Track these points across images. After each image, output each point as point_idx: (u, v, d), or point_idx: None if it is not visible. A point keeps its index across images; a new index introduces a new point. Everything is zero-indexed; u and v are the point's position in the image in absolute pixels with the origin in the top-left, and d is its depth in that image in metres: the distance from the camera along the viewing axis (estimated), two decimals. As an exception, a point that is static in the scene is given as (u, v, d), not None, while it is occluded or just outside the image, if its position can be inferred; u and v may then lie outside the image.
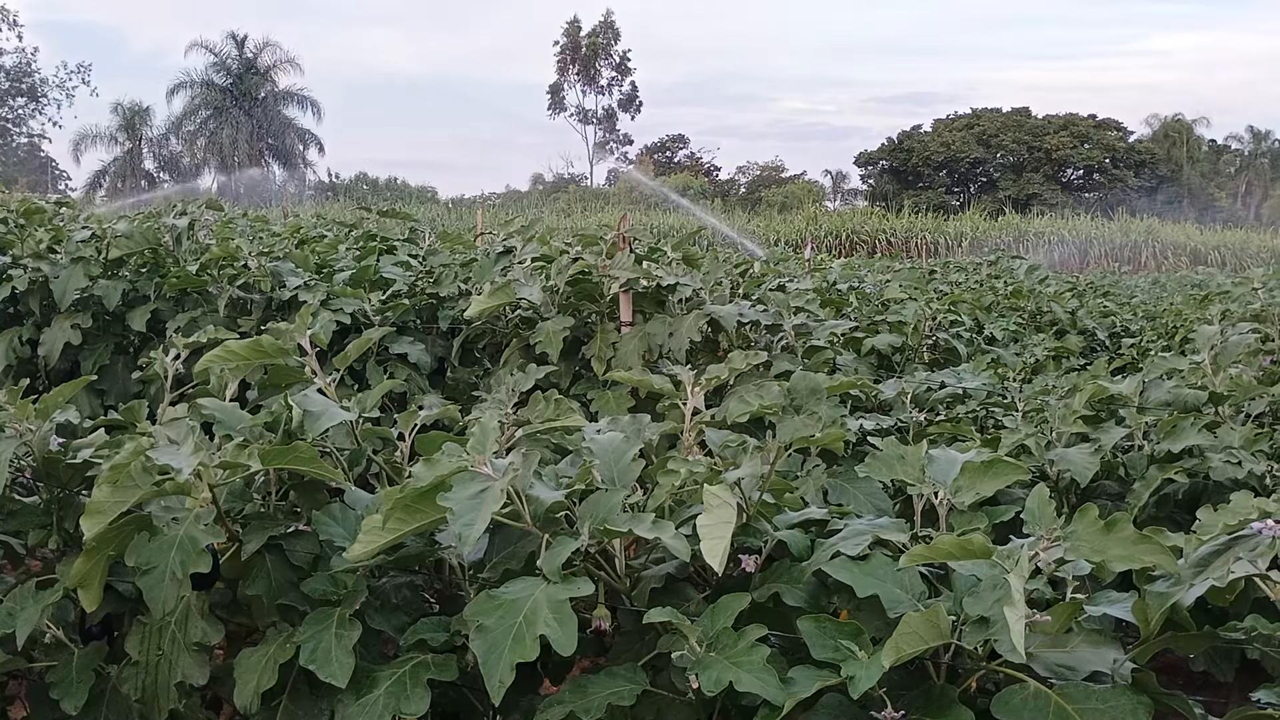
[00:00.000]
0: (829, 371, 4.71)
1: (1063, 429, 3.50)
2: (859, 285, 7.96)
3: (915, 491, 2.18)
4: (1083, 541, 1.75)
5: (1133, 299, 12.12)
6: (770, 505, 2.35)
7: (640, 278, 4.09)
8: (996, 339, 7.12)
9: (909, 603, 1.95)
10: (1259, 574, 1.71)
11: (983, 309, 8.66)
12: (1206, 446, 3.30)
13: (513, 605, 1.90)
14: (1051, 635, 1.95)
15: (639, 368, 3.86)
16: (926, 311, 5.83)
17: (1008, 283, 9.69)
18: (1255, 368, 4.02)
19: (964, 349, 5.84)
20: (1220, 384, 3.73)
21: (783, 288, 5.68)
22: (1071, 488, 3.43)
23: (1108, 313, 9.70)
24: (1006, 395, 4.53)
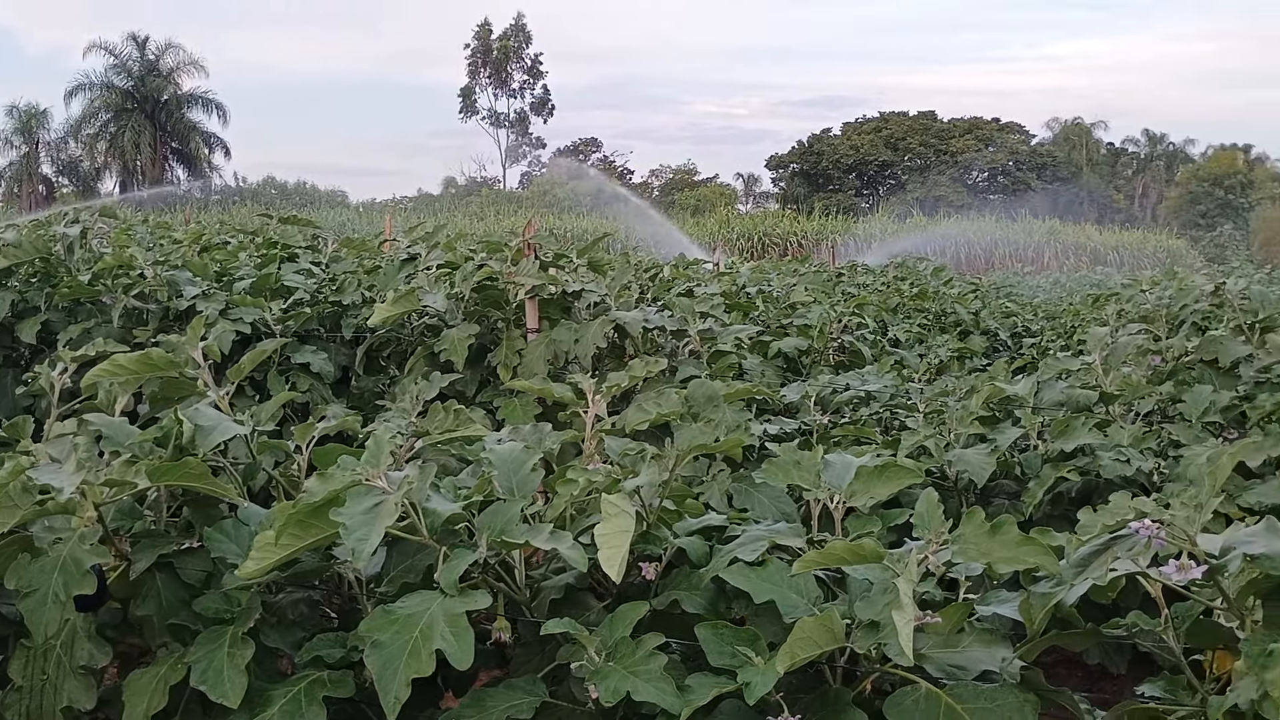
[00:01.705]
0: (735, 375, 4.75)
1: (960, 430, 3.57)
2: (767, 289, 8.03)
3: (811, 496, 2.21)
4: (969, 544, 1.78)
5: (1034, 299, 12.43)
6: (671, 512, 2.36)
7: (546, 284, 4.08)
8: (901, 341, 7.23)
9: (805, 607, 1.97)
10: (1139, 571, 1.76)
11: (889, 311, 8.81)
12: (1097, 445, 3.40)
13: (408, 620, 1.88)
14: (944, 636, 1.99)
15: (544, 375, 3.85)
16: (832, 314, 5.90)
17: (913, 284, 9.85)
18: (1144, 367, 4.14)
19: (869, 351, 5.93)
20: (1111, 384, 3.84)
21: (691, 292, 5.72)
22: (970, 488, 3.50)
23: (1009, 313, 9.94)
24: (909, 397, 4.60)
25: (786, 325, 6.05)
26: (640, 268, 7.50)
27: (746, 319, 5.88)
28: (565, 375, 3.86)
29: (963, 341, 8.28)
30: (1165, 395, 3.87)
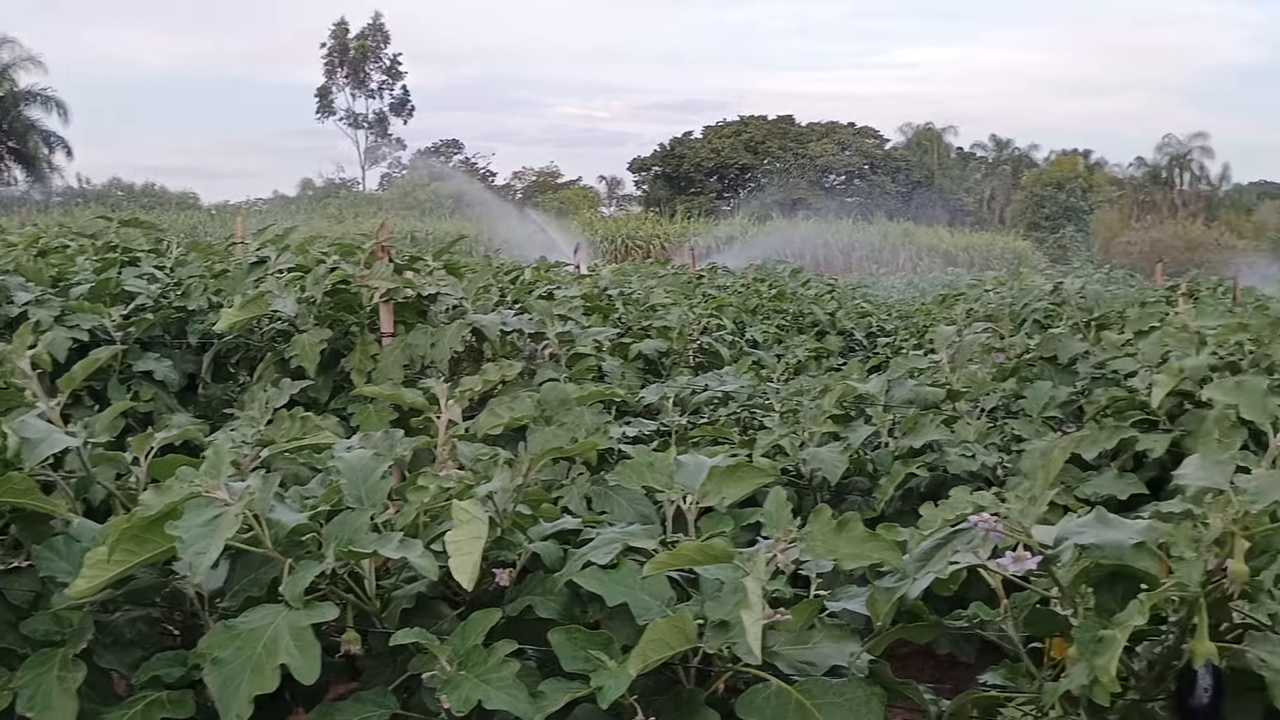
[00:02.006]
0: (595, 378, 4.74)
1: (814, 429, 3.64)
2: (629, 291, 8.06)
3: (665, 498, 2.21)
4: (817, 542, 1.81)
5: (888, 300, 12.78)
6: (527, 517, 2.34)
7: (401, 287, 4.01)
8: (760, 342, 7.34)
9: (658, 609, 1.97)
10: (978, 564, 1.82)
11: (748, 312, 8.93)
12: (944, 441, 3.50)
13: (251, 635, 1.82)
14: (795, 633, 2.02)
15: (399, 380, 3.78)
16: (690, 316, 5.95)
17: (771, 286, 10.02)
18: (989, 365, 4.29)
19: (727, 352, 6.00)
20: (957, 381, 3.96)
21: (550, 295, 5.70)
22: (824, 485, 3.57)
23: (865, 314, 10.19)
24: (767, 397, 4.67)
25: (646, 327, 6.08)
26: (501, 270, 7.45)
27: (606, 321, 5.88)
28: (422, 380, 3.80)
29: (820, 342, 8.46)
30: (1008, 391, 4.01)
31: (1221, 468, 1.67)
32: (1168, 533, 1.70)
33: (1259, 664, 1.67)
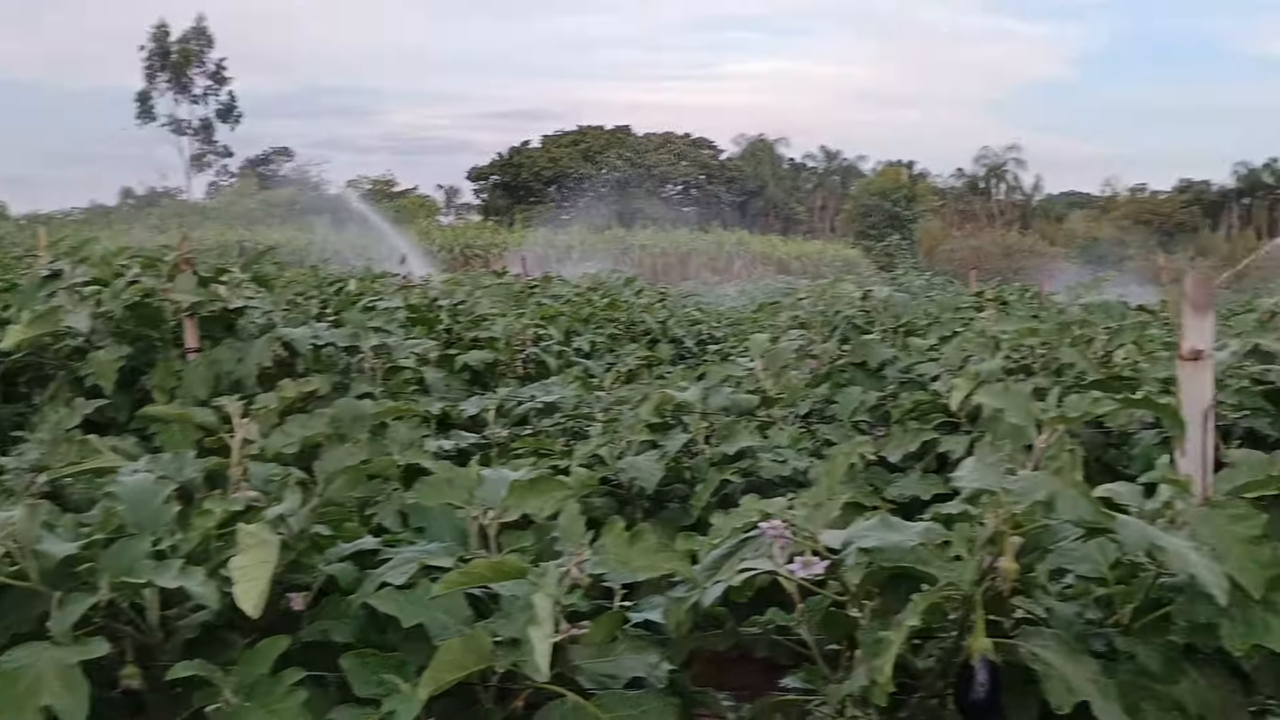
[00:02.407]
0: (417, 391, 4.66)
1: (632, 438, 3.65)
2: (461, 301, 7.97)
3: (465, 514, 2.18)
4: (610, 554, 1.80)
5: (719, 307, 12.99)
6: (326, 538, 2.28)
7: (206, 301, 3.86)
8: (592, 351, 7.35)
9: (455, 629, 1.93)
10: (770, 570, 1.84)
11: (581, 321, 8.94)
12: (758, 447, 3.56)
13: (13, 675, 1.71)
14: (596, 646, 2.01)
15: (204, 397, 3.64)
16: (517, 326, 5.92)
17: (604, 295, 10.06)
18: (803, 371, 4.39)
19: (554, 362, 5.98)
20: (772, 388, 4.03)
21: (372, 306, 5.58)
22: (642, 494, 3.58)
23: (695, 321, 10.32)
24: (588, 406, 4.67)
25: (473, 338, 6.02)
26: (325, 281, 7.26)
27: (431, 333, 5.80)
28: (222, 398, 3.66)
29: (651, 350, 8.53)
30: (821, 397, 4.11)
31: (994, 469, 1.73)
32: (944, 533, 1.76)
33: (1031, 658, 1.73)
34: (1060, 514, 1.51)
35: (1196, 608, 1.70)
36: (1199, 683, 1.80)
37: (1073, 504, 1.50)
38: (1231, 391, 3.60)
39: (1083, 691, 1.68)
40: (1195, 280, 1.82)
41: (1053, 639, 1.80)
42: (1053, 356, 3.66)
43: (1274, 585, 1.66)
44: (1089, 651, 1.85)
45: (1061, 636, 1.82)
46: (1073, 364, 3.60)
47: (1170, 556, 1.53)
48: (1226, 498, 1.74)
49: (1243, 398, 3.56)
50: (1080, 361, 3.58)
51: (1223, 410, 3.64)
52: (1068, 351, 3.62)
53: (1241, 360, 3.66)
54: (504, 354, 5.80)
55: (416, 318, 5.93)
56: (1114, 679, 1.77)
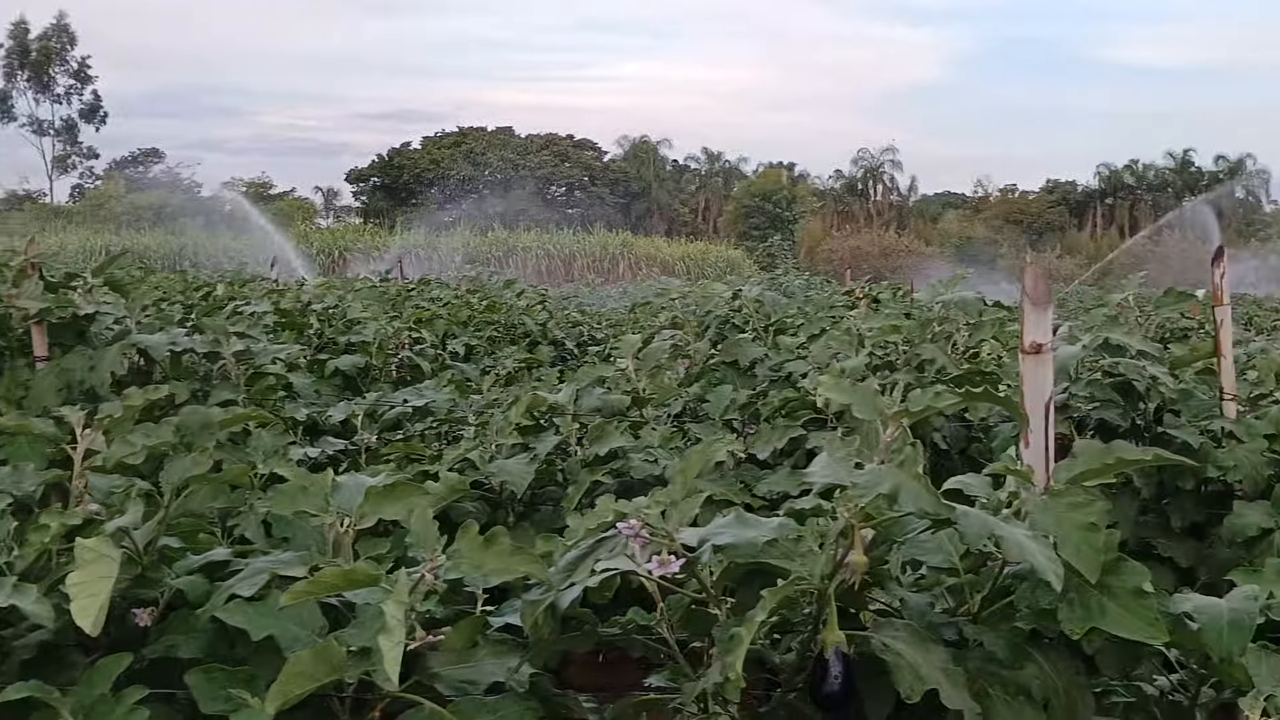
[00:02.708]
0: (284, 397, 4.56)
1: (502, 440, 3.62)
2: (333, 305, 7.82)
3: (319, 522, 2.13)
4: (464, 558, 1.78)
5: (601, 309, 13.00)
6: (176, 550, 2.20)
7: (53, 307, 3.70)
8: (470, 354, 7.28)
9: (308, 640, 1.89)
10: (628, 570, 1.84)
11: (460, 324, 8.85)
12: (630, 447, 3.56)
13: None
14: (456, 651, 1.98)
15: (54, 406, 3.48)
16: (389, 330, 5.83)
17: (483, 298, 9.98)
18: (675, 370, 4.41)
19: (428, 366, 5.91)
20: (644, 388, 4.04)
21: (237, 311, 5.44)
22: (513, 497, 3.55)
23: (576, 323, 10.30)
24: (462, 410, 4.62)
25: (344, 342, 5.90)
26: (192, 286, 7.06)
27: (300, 337, 5.67)
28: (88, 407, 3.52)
29: (531, 352, 8.49)
30: (693, 396, 4.13)
31: (844, 464, 1.75)
32: (796, 529, 1.78)
33: (882, 649, 1.76)
34: (903, 506, 1.53)
35: (1038, 594, 1.75)
36: (1044, 667, 1.85)
37: (915, 496, 1.53)
38: (1084, 384, 3.73)
39: (932, 680, 1.72)
40: (1032, 275, 1.87)
41: (904, 629, 1.84)
42: (914, 353, 3.75)
43: (1110, 570, 1.72)
44: (940, 640, 1.89)
45: (913, 627, 1.85)
46: (933, 359, 3.70)
47: (1008, 546, 1.57)
48: (1066, 486, 1.79)
49: (1094, 390, 3.69)
50: (940, 357, 3.68)
51: (1076, 402, 3.77)
52: (928, 348, 3.71)
53: (1093, 354, 3.79)
54: (377, 358, 5.70)
55: (286, 322, 5.80)
56: (963, 666, 1.81)
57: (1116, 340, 3.69)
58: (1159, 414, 3.86)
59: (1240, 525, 3.42)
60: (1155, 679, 2.17)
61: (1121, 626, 1.67)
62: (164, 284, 9.40)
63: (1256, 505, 3.50)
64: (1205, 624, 1.80)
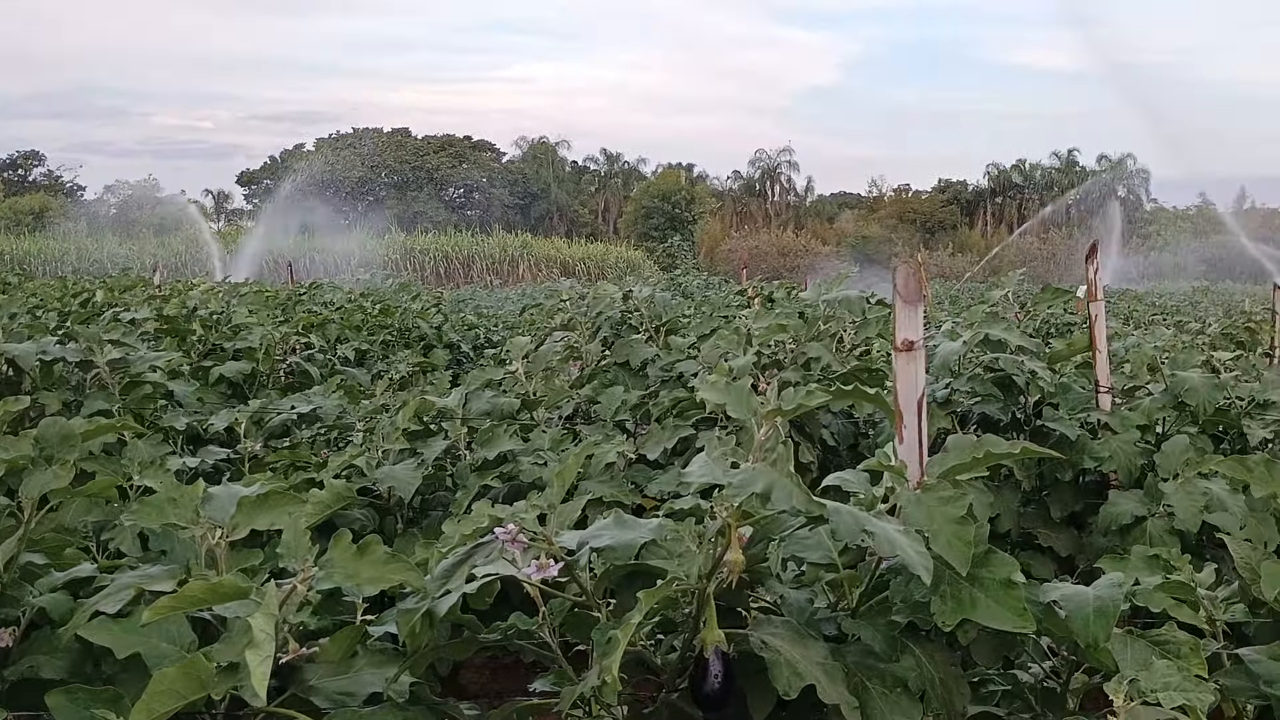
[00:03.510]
0: (163, 406, 4.43)
1: (389, 446, 3.56)
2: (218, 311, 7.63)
3: (188, 534, 2.06)
4: (337, 568, 1.74)
5: (499, 311, 12.91)
6: (41, 567, 2.12)
7: (-87, 317, 3.54)
8: (363, 358, 7.16)
9: (176, 656, 1.83)
10: (505, 575, 1.82)
11: (352, 329, 8.71)
12: (519, 450, 3.53)
13: None
14: (334, 663, 1.94)
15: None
16: (276, 335, 5.70)
17: (375, 301, 9.83)
18: (565, 373, 4.40)
19: (317, 371, 5.80)
20: (534, 390, 4.02)
21: (117, 318, 5.28)
22: (401, 504, 3.50)
23: (472, 326, 10.21)
24: (352, 416, 4.55)
25: (231, 348, 5.76)
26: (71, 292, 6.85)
27: (183, 344, 5.52)
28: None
29: (426, 356, 8.39)
30: (584, 397, 4.12)
31: (720, 464, 1.76)
32: (674, 529, 1.78)
33: (761, 647, 1.77)
34: (776, 505, 1.54)
35: (912, 588, 1.77)
36: (921, 659, 1.88)
37: (787, 495, 1.54)
38: (965, 379, 3.81)
39: (809, 676, 1.73)
40: (903, 274, 1.89)
41: (783, 626, 1.85)
42: (800, 351, 3.79)
43: (980, 562, 1.75)
44: (820, 636, 1.91)
45: (791, 624, 1.87)
46: (819, 358, 3.74)
47: (880, 541, 1.59)
48: (938, 481, 1.82)
49: (975, 385, 3.77)
50: (826, 355, 3.72)
51: (959, 397, 3.85)
52: (814, 346, 3.75)
53: (974, 349, 3.88)
54: (264, 364, 5.57)
55: (168, 329, 5.64)
56: (841, 661, 1.83)
57: (996, 336, 3.77)
58: (1038, 407, 3.96)
59: (1115, 514, 3.52)
60: (1030, 666, 2.22)
61: (991, 617, 1.70)
62: (41, 290, 9.09)
63: (1130, 494, 3.61)
64: (1072, 612, 1.84)
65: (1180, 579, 2.04)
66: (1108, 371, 3.95)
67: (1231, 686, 2.02)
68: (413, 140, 78.99)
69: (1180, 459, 3.51)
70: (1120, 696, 1.70)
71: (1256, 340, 9.61)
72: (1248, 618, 2.27)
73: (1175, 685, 1.69)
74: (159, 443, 3.64)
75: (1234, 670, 2.03)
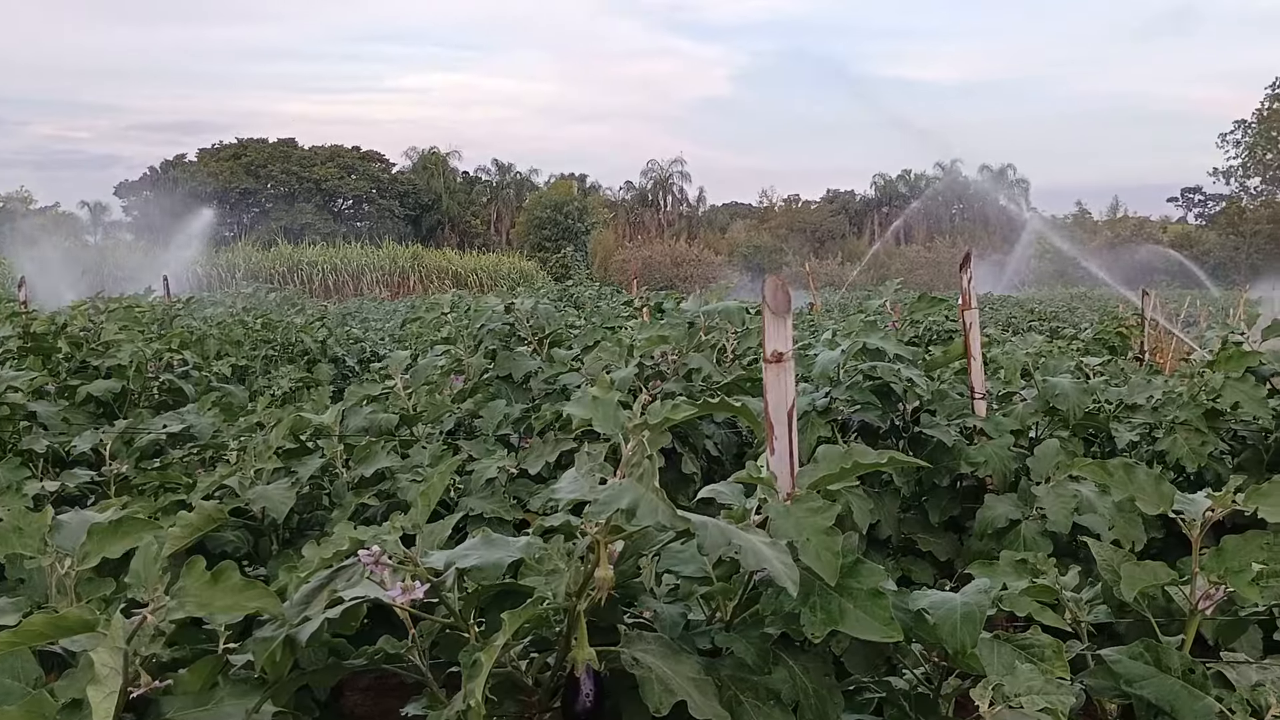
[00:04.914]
0: (26, 427, 4.25)
1: (262, 465, 3.46)
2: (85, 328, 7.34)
3: (35, 565, 1.97)
4: (190, 597, 1.67)
5: (387, 324, 12.70)
6: None
7: None
8: (229, 375, 6.96)
9: (21, 693, 1.74)
10: (370, 599, 1.77)
11: (233, 344, 8.47)
12: (397, 467, 3.46)
13: None
14: (194, 694, 1.86)
15: None
16: (148, 352, 5.50)
17: (258, 316, 9.59)
18: (447, 387, 4.32)
19: (191, 388, 5.61)
20: (414, 405, 3.94)
21: (-25, 336, 5.05)
22: (275, 525, 3.40)
23: (357, 339, 10.02)
24: (225, 434, 4.40)
25: (101, 366, 5.54)
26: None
27: (48, 362, 5.30)
28: None
29: (310, 371, 8.20)
30: (466, 412, 4.05)
31: (589, 479, 1.73)
32: (543, 548, 1.75)
33: (632, 664, 1.75)
34: (641, 520, 1.52)
35: (782, 599, 1.77)
36: (795, 670, 1.88)
37: (652, 509, 1.52)
38: (845, 388, 3.85)
39: (681, 691, 1.71)
40: (772, 286, 1.89)
41: (655, 642, 1.83)
42: (681, 362, 3.79)
43: (849, 572, 1.75)
44: (693, 650, 1.89)
45: (664, 639, 1.85)
46: (700, 368, 3.74)
47: (746, 554, 1.58)
48: (807, 492, 1.82)
49: (855, 393, 3.82)
50: (707, 366, 3.73)
51: (839, 405, 3.89)
52: (695, 357, 3.75)
53: (854, 358, 3.92)
54: (135, 382, 5.38)
55: (32, 347, 5.41)
56: (715, 675, 1.82)
57: (874, 344, 3.82)
58: (916, 414, 4.02)
59: (990, 518, 3.58)
60: (904, 673, 2.24)
61: (859, 628, 1.70)
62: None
63: (1005, 498, 3.68)
64: (941, 618, 1.86)
65: (1045, 583, 2.07)
66: (983, 378, 4.03)
67: (1095, 686, 2.06)
68: (299, 151, 77.51)
69: (1051, 462, 3.60)
70: (985, 701, 1.72)
71: (1128, 344, 9.97)
72: (1111, 618, 2.32)
73: (1038, 688, 1.71)
74: (17, 466, 3.48)
75: (1098, 670, 2.07)
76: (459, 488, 3.49)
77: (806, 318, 12.48)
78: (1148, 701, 1.91)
